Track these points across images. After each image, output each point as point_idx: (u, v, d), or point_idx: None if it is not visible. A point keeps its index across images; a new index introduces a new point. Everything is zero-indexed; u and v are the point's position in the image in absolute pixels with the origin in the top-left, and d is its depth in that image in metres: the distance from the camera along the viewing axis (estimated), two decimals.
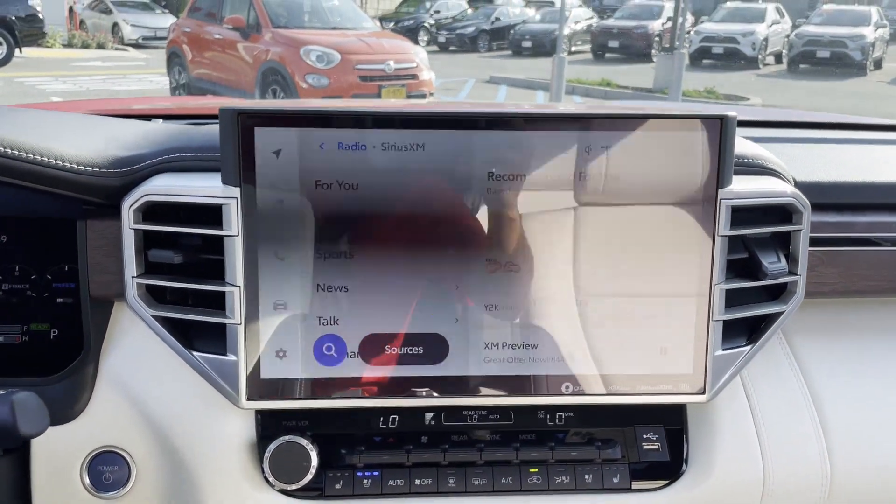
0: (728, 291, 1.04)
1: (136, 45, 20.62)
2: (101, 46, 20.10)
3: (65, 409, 1.06)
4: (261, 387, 1.01)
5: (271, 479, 1.02)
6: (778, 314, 1.08)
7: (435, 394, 1.04)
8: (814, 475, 1.09)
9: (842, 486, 1.09)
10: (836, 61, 17.96)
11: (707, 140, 1.00)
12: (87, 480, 1.07)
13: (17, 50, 15.14)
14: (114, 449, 1.07)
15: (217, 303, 1.00)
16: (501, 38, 22.66)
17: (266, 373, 1.01)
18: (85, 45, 20.02)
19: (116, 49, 20.25)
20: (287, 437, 1.02)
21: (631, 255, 1.02)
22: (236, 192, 0.96)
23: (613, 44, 20.36)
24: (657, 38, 19.99)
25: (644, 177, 1.00)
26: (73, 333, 1.08)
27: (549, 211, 1.00)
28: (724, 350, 1.05)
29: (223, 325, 1.00)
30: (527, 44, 21.04)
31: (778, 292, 1.10)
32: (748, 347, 1.07)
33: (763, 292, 1.10)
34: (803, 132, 1.63)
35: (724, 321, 1.05)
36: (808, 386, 1.14)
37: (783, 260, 1.07)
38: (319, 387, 1.02)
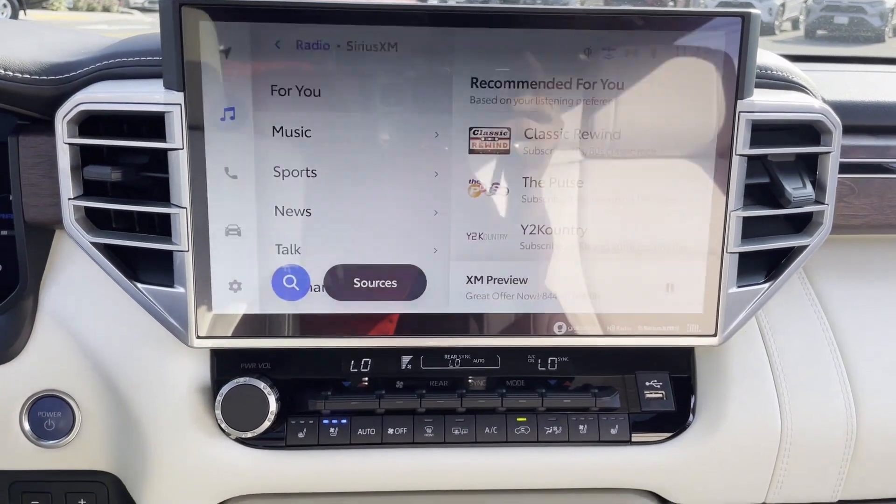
0: (745, 221, 0.91)
1: (143, 9, 20.40)
2: (106, 10, 19.87)
3: (1, 348, 0.95)
4: (213, 323, 0.90)
5: (224, 425, 0.91)
6: (801, 248, 0.95)
7: (411, 333, 0.92)
8: (838, 430, 0.97)
9: (868, 444, 0.97)
10: (855, 27, 17.55)
11: (725, 44, 0.86)
12: (27, 427, 0.96)
13: (21, 13, 14.97)
14: (56, 393, 0.96)
15: (164, 229, 0.89)
16: None
17: (218, 307, 0.90)
18: (90, 9, 19.81)
19: (122, 12, 20.03)
20: (241, 380, 0.91)
21: (638, 176, 0.89)
22: (180, 97, 0.84)
23: None
24: None
25: (653, 86, 0.87)
26: (13, 267, 0.97)
27: (542, 123, 0.87)
28: (738, 287, 0.93)
29: (170, 255, 0.88)
30: None
31: (801, 224, 0.97)
32: (766, 285, 0.94)
33: (785, 223, 0.97)
34: (828, 65, 1.49)
35: (740, 254, 0.92)
36: (832, 330, 1.01)
37: (809, 187, 0.94)
38: (279, 324, 0.91)
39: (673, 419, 0.98)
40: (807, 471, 0.97)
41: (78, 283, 0.97)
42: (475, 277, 0.91)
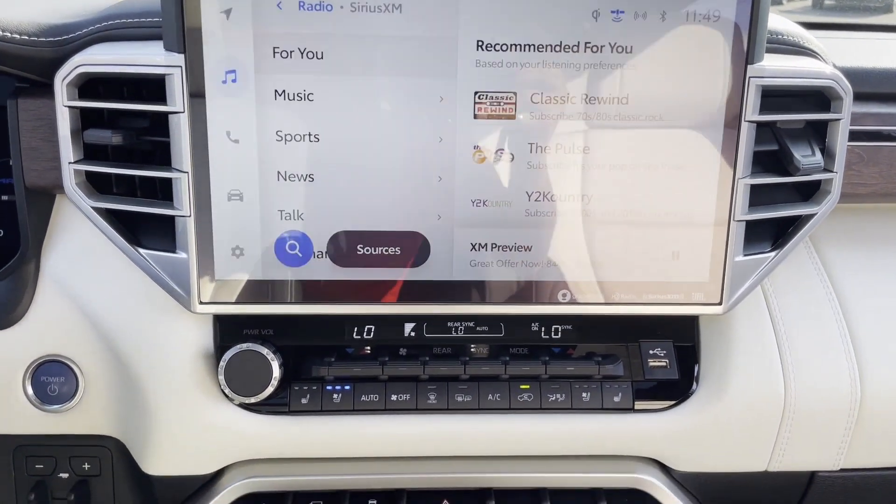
0: (753, 189, 0.90)
1: None
2: None
3: (4, 313, 0.95)
4: (216, 289, 0.89)
5: (228, 391, 0.91)
6: (808, 217, 0.94)
7: (414, 300, 0.92)
8: (842, 398, 0.96)
9: (872, 411, 0.97)
10: None
11: (736, 8, 0.84)
12: (30, 392, 0.96)
13: None
14: (59, 358, 0.96)
15: (166, 194, 0.88)
16: None
17: (221, 273, 0.89)
18: None
19: None
20: (245, 345, 0.91)
21: (645, 143, 0.88)
22: (180, 59, 0.82)
23: None
24: None
25: (662, 50, 0.85)
26: (14, 232, 0.96)
27: (549, 88, 0.86)
28: (744, 256, 0.92)
29: (172, 220, 0.88)
30: None
31: (809, 192, 0.95)
32: (772, 254, 0.93)
33: (792, 192, 0.96)
34: (836, 32, 1.47)
35: (747, 222, 0.91)
36: (838, 299, 1.00)
37: (818, 154, 0.93)
38: (282, 290, 0.90)
39: (676, 387, 0.98)
40: (810, 439, 0.97)
41: (80, 248, 0.96)
42: (479, 245, 0.91)
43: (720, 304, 0.92)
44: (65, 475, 1.00)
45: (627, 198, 0.89)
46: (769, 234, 0.95)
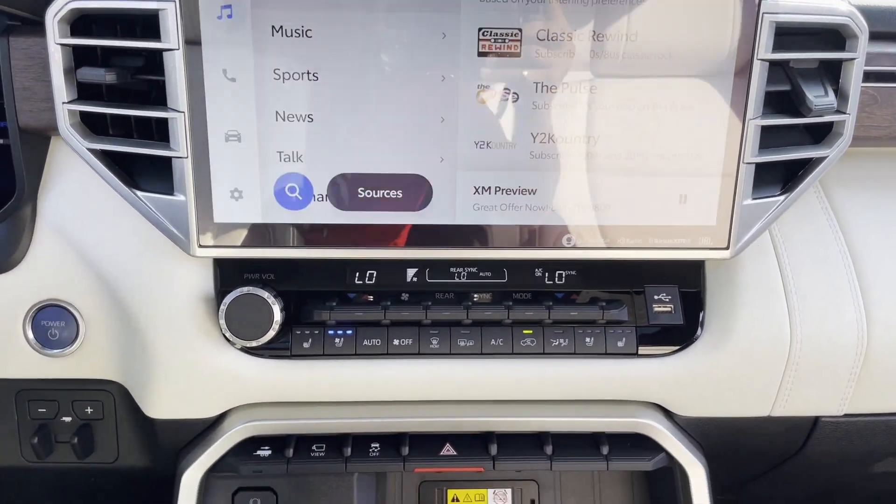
0: (764, 130, 0.88)
1: None
2: None
3: (2, 257, 0.94)
4: (215, 232, 0.88)
5: (229, 335, 0.90)
6: (819, 159, 0.92)
7: (416, 245, 0.90)
8: (847, 342, 0.96)
9: (878, 357, 0.96)
10: None
11: None
12: (31, 336, 0.96)
13: None
14: (58, 302, 0.95)
15: (162, 135, 0.86)
16: None
17: (220, 216, 0.88)
18: None
19: None
20: (245, 289, 0.90)
21: (653, 82, 0.85)
22: None
23: None
24: None
25: None
26: (10, 177, 0.94)
27: (555, 24, 0.83)
28: (753, 200, 0.90)
29: (170, 162, 0.86)
30: None
31: (821, 135, 0.93)
32: (782, 197, 0.91)
33: (803, 134, 0.94)
34: None
35: (757, 165, 0.89)
36: (846, 244, 0.99)
37: (831, 95, 0.90)
38: (282, 233, 0.89)
39: (681, 333, 0.97)
40: (814, 384, 0.97)
41: (76, 191, 0.95)
42: (482, 188, 0.89)
43: (727, 248, 0.91)
44: (68, 419, 1.00)
45: (634, 139, 0.87)
46: (778, 178, 0.93)
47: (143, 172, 0.89)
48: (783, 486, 1.32)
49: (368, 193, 0.88)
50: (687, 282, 0.98)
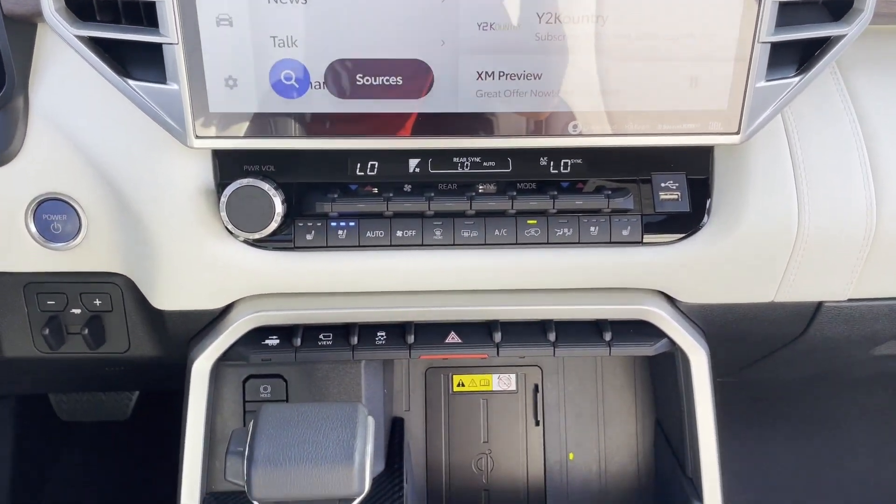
0: (780, 8, 0.84)
1: None
2: None
3: None
4: (211, 122, 0.86)
5: (231, 227, 0.90)
6: (838, 38, 0.87)
7: (418, 134, 0.88)
8: (856, 226, 0.94)
9: (885, 241, 0.95)
10: None
11: None
12: (33, 229, 0.95)
13: None
14: (58, 196, 0.94)
15: (151, 20, 0.82)
16: None
17: (215, 105, 0.85)
18: None
19: None
20: (245, 181, 0.89)
21: None
22: None
23: None
24: None
25: None
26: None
27: None
28: (767, 81, 0.87)
29: (161, 49, 0.83)
30: None
31: (839, 12, 0.88)
32: (797, 79, 0.88)
33: (822, 11, 0.89)
34: None
35: (772, 45, 0.85)
36: (861, 128, 0.96)
37: None
38: (280, 123, 0.86)
39: (687, 220, 0.96)
40: (820, 269, 0.96)
41: (68, 81, 0.92)
42: (486, 73, 0.86)
43: (738, 133, 0.88)
44: (77, 311, 1.01)
45: (645, 19, 0.83)
46: (793, 59, 0.89)
47: (135, 61, 0.86)
48: (782, 369, 1.35)
49: (367, 80, 0.85)
50: (695, 169, 0.96)
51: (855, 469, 1.82)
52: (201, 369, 1.01)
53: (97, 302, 1.01)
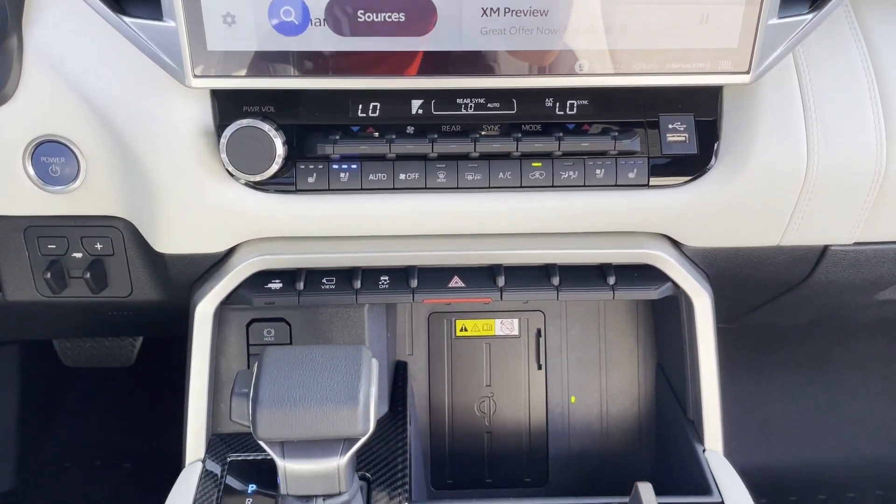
0: None
1: None
2: None
3: None
4: (209, 61, 0.84)
5: (231, 169, 0.88)
6: None
7: (421, 73, 0.86)
8: (865, 168, 0.93)
9: (894, 184, 0.94)
10: None
11: None
12: (31, 172, 0.94)
13: None
14: (56, 138, 0.93)
15: None
16: None
17: (213, 43, 0.83)
18: None
19: None
20: (245, 121, 0.87)
21: None
22: None
23: None
24: None
25: None
26: None
27: None
28: (779, 18, 0.85)
29: None
30: None
31: None
32: (810, 16, 0.86)
33: None
34: None
35: None
36: (874, 68, 0.94)
37: None
38: (280, 62, 0.85)
39: (694, 163, 0.95)
40: (827, 212, 0.95)
41: (64, 19, 0.90)
42: (490, 9, 0.83)
43: (748, 72, 0.87)
44: (78, 255, 1.01)
45: None
46: None
47: None
48: (784, 314, 1.35)
49: (369, 17, 0.83)
50: (703, 110, 0.95)
51: (852, 414, 1.84)
52: (204, 312, 1.01)
53: (98, 246, 1.01)
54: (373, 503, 0.94)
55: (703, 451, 1.04)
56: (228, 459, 1.01)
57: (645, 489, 0.86)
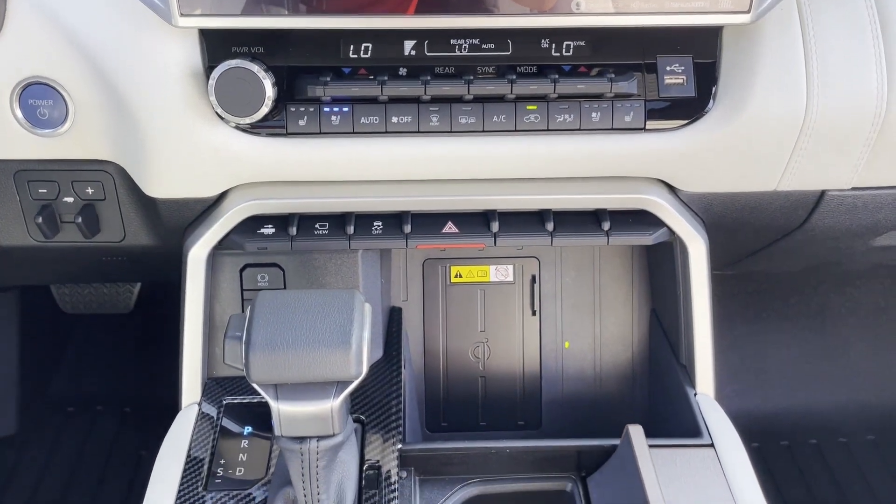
0: None
1: None
2: None
3: None
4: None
5: (220, 111, 0.87)
6: None
7: (413, 12, 0.84)
8: (865, 113, 0.91)
9: (894, 129, 0.93)
10: None
11: None
12: (19, 115, 0.93)
13: None
14: (43, 80, 0.91)
15: None
16: None
17: None
18: None
19: None
20: (234, 62, 0.86)
21: None
22: None
23: None
24: None
25: None
26: None
27: None
28: None
29: None
30: None
31: None
32: None
33: None
34: None
35: None
36: (877, 8, 0.91)
37: None
38: (270, 0, 0.82)
39: (692, 106, 0.93)
40: (825, 156, 0.94)
41: None
42: None
43: (748, 11, 0.84)
44: (69, 199, 1.00)
45: None
46: None
47: None
48: (780, 261, 1.35)
49: None
50: (702, 51, 0.93)
51: (846, 361, 1.85)
52: (197, 257, 1.01)
53: (89, 190, 1.00)
54: (367, 445, 0.95)
55: (695, 394, 1.05)
56: (224, 402, 1.02)
57: (636, 432, 0.87)
